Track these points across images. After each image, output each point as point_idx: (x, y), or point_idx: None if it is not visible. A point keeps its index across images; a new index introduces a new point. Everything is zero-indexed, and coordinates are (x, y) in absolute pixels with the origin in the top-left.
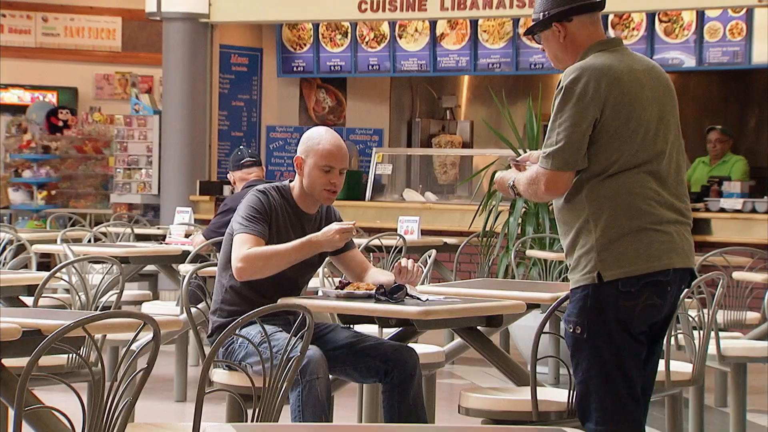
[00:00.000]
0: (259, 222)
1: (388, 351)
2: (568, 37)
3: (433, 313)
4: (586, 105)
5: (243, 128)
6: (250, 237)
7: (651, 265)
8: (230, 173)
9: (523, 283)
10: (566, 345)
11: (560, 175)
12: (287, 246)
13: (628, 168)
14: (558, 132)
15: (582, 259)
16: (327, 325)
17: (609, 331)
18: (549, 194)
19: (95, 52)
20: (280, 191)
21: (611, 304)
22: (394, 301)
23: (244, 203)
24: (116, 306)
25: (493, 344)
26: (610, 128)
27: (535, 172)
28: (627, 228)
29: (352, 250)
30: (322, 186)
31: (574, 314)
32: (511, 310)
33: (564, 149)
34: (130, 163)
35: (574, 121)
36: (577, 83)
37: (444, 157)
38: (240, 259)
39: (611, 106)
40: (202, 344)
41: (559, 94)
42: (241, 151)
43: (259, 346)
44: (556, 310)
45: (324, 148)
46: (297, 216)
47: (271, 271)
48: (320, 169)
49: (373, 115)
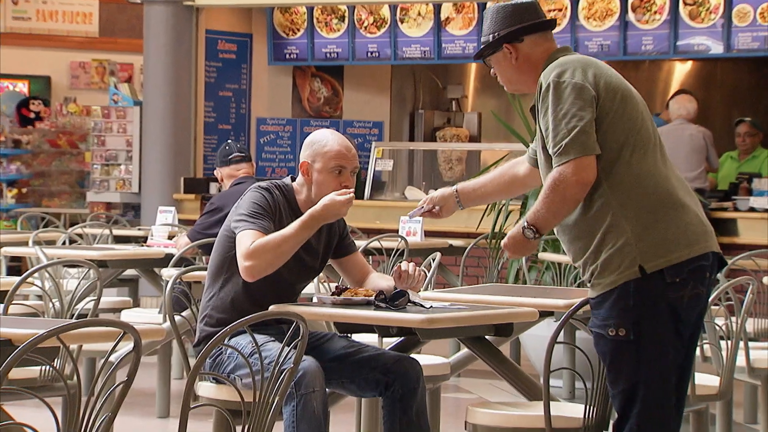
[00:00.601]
0: (265, 218)
1: (389, 362)
2: (521, 58)
3: (437, 321)
4: (581, 88)
5: (231, 120)
6: (255, 233)
7: (693, 250)
8: (217, 169)
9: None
10: (599, 352)
11: (585, 160)
12: (292, 228)
13: (639, 148)
14: (565, 122)
15: (614, 258)
16: (322, 335)
17: (659, 328)
18: (580, 185)
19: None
20: (283, 191)
21: (659, 298)
22: (395, 309)
23: (246, 200)
24: (93, 314)
25: (502, 355)
26: (610, 109)
27: (551, 178)
28: (661, 212)
29: (353, 254)
30: (334, 190)
31: (613, 316)
32: (522, 318)
33: (579, 134)
34: (108, 159)
35: (577, 105)
36: (564, 74)
37: (449, 152)
38: (246, 257)
39: (603, 88)
40: (186, 355)
41: (548, 92)
42: (229, 145)
43: (249, 357)
44: (571, 317)
45: (332, 148)
46: (297, 216)
47: (283, 259)
48: (330, 171)
49: (372, 106)
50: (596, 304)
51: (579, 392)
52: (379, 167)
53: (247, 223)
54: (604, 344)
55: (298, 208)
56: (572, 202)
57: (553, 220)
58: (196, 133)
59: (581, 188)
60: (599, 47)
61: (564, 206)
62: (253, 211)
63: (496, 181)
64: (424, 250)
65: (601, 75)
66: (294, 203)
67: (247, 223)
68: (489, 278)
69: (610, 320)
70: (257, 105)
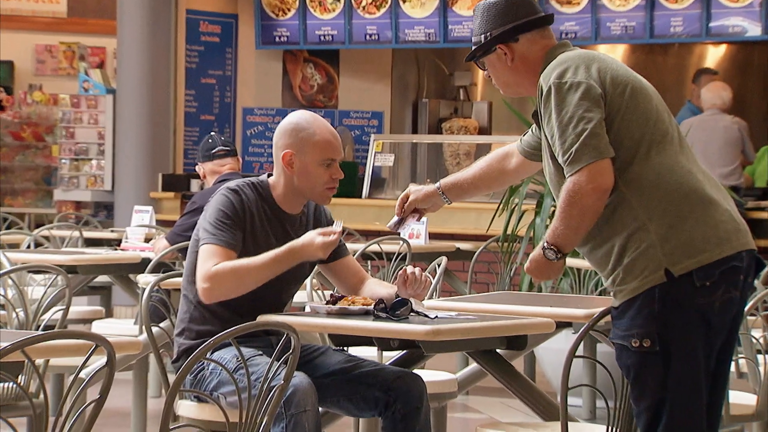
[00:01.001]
0: (229, 229)
1: (390, 379)
2: (517, 59)
3: (443, 332)
4: (588, 87)
5: (214, 111)
6: (218, 249)
7: (723, 249)
8: (199, 165)
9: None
10: (622, 366)
11: (599, 165)
12: (262, 259)
13: (656, 143)
14: (572, 127)
15: (638, 262)
16: (316, 348)
17: (688, 338)
18: (598, 193)
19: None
20: (256, 188)
21: (687, 304)
22: (397, 319)
23: (211, 206)
24: (61, 325)
25: (515, 371)
26: (620, 106)
27: (566, 190)
28: (686, 209)
29: (345, 258)
30: (324, 184)
31: (637, 325)
32: (537, 329)
33: (589, 137)
34: (77, 153)
35: (583, 107)
36: (565, 74)
37: (457, 145)
38: (205, 278)
39: (610, 83)
40: (165, 371)
41: (550, 96)
42: (213, 138)
43: (234, 373)
44: (592, 329)
45: (322, 138)
46: (278, 218)
47: (244, 290)
48: (320, 164)
49: (371, 95)
50: (618, 314)
51: (600, 412)
52: (379, 162)
53: (209, 236)
54: (628, 357)
55: (275, 203)
56: (592, 213)
57: (575, 236)
58: (176, 125)
59: (599, 196)
60: (623, 29)
61: (584, 219)
62: (218, 220)
63: (482, 176)
64: (428, 254)
65: (606, 69)
66: (270, 200)
67: (210, 236)
68: (500, 285)
69: (634, 330)
70: (243, 93)
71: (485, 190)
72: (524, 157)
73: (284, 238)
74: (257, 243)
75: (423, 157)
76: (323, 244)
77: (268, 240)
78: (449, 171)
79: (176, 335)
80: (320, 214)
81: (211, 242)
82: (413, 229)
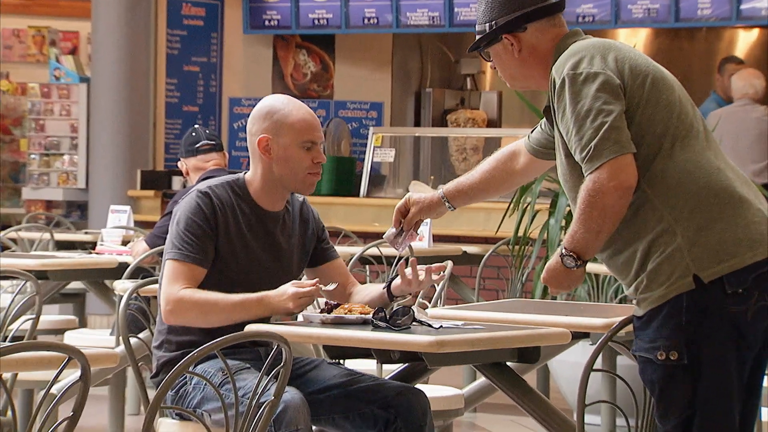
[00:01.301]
0: (197, 241)
1: (390, 395)
2: (525, 50)
3: (448, 343)
4: (605, 78)
5: (198, 101)
6: (185, 268)
7: (757, 253)
8: (182, 160)
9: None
10: (646, 381)
11: (621, 161)
12: (231, 300)
13: (681, 137)
14: (590, 120)
15: (663, 267)
16: (309, 361)
17: (719, 350)
18: (621, 191)
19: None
20: (232, 187)
21: (717, 313)
22: (398, 329)
23: (181, 214)
24: (31, 336)
25: (527, 385)
26: (641, 97)
27: (585, 190)
28: (715, 210)
29: (333, 261)
30: (306, 169)
31: (663, 337)
32: (551, 340)
33: (609, 131)
34: (48, 147)
35: (601, 99)
36: (580, 64)
37: (463, 139)
38: (168, 301)
39: (629, 73)
40: (144, 386)
41: (564, 89)
42: (196, 131)
43: (220, 388)
44: (612, 340)
45: (300, 118)
46: (258, 217)
47: (206, 325)
48: (300, 146)
49: (369, 84)
50: (642, 324)
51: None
52: (378, 158)
53: (176, 251)
54: (653, 371)
55: (253, 201)
56: (615, 214)
57: (595, 240)
58: (156, 117)
59: (622, 195)
60: (645, 12)
61: (606, 221)
62: (186, 231)
63: (488, 179)
64: (432, 258)
65: (624, 59)
66: (248, 199)
67: (177, 251)
68: (511, 292)
69: (659, 342)
70: (230, 82)
71: (493, 194)
72: (533, 155)
73: (267, 238)
74: (234, 249)
75: (426, 152)
76: (294, 294)
77: (247, 244)
78: (455, 167)
79: (155, 347)
80: (307, 213)
81: (177, 258)
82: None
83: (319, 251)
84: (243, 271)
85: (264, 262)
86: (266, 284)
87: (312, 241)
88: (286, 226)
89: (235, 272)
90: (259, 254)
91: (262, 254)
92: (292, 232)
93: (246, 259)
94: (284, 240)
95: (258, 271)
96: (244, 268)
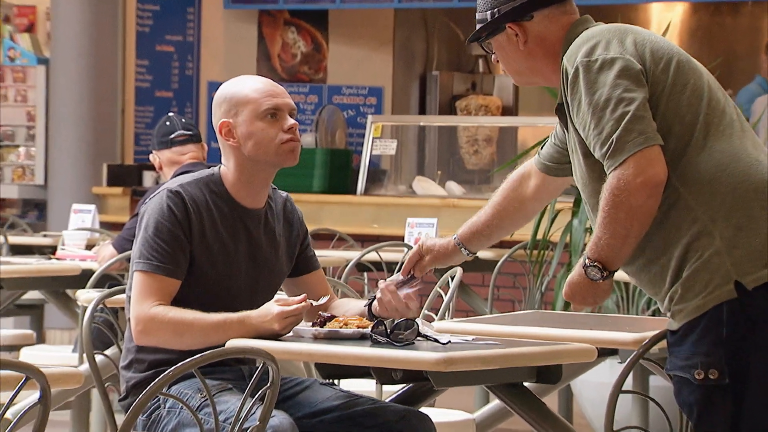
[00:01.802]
0: (169, 249)
1: (391, 420)
2: (532, 41)
3: (458, 361)
4: (625, 63)
5: (173, 86)
6: (155, 281)
7: None
8: (154, 153)
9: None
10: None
11: (648, 153)
12: (209, 320)
13: (713, 126)
14: (610, 111)
15: (701, 274)
16: (299, 381)
17: (765, 366)
18: (650, 188)
19: None
20: (206, 184)
21: (763, 324)
22: (400, 344)
23: (149, 218)
24: None
25: (547, 409)
26: (666, 83)
27: (608, 189)
28: (756, 207)
29: (315, 271)
30: (277, 139)
31: (701, 353)
32: (575, 357)
33: (632, 122)
34: (1, 138)
35: (621, 86)
36: (594, 50)
37: (475, 129)
38: (139, 320)
39: (650, 57)
40: (112, 410)
41: (577, 79)
42: (171, 120)
43: (198, 412)
44: (643, 357)
45: (252, 88)
46: (236, 214)
47: (181, 347)
48: (261, 117)
49: (368, 66)
50: (677, 339)
51: None
52: (378, 150)
53: (145, 262)
54: (690, 392)
55: (230, 197)
56: (643, 216)
57: (623, 247)
58: (125, 103)
59: (651, 193)
60: None
61: (634, 224)
62: (155, 238)
63: (500, 213)
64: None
65: (644, 41)
66: (225, 195)
67: (146, 261)
68: (529, 303)
69: (697, 359)
70: (209, 64)
71: (509, 228)
72: (545, 173)
73: (247, 240)
74: (211, 255)
75: (433, 144)
76: (280, 314)
77: (225, 246)
78: (465, 160)
79: (123, 367)
80: (291, 213)
81: (147, 270)
82: (420, 232)
83: (302, 259)
84: (222, 281)
85: (246, 269)
86: (249, 295)
87: (296, 246)
88: (269, 226)
89: (213, 282)
90: (240, 260)
91: (243, 260)
92: (275, 233)
93: (226, 266)
94: (268, 243)
95: (239, 279)
96: (223, 276)
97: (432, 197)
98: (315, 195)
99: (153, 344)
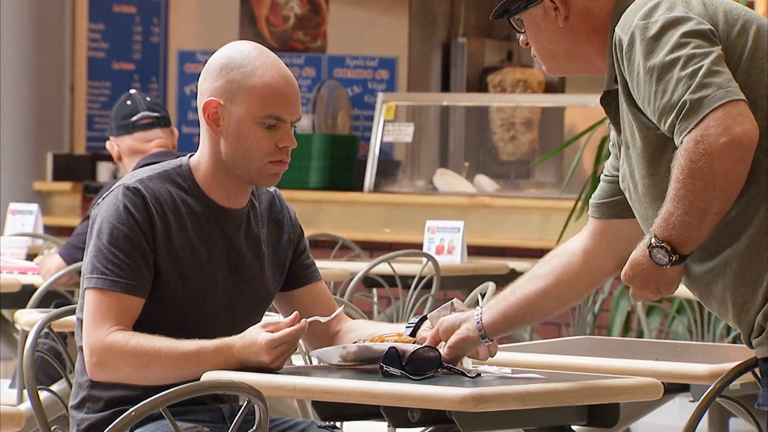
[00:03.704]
0: (128, 261)
1: None
2: (575, 16)
3: (489, 399)
4: (692, 23)
5: (134, 57)
6: (112, 300)
7: None
8: (111, 140)
9: (660, 344)
10: None
11: (733, 108)
12: (179, 350)
13: None
14: (678, 68)
15: None
16: (293, 423)
17: None
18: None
19: None
20: (171, 178)
21: None
22: (418, 377)
23: (102, 222)
24: None
25: None
26: (744, 48)
27: (684, 151)
28: None
29: (313, 284)
30: (265, 155)
31: None
32: (635, 394)
33: (707, 75)
34: None
35: (691, 44)
36: (655, 12)
37: (511, 110)
38: (93, 351)
39: (722, 18)
40: None
41: (633, 46)
42: (132, 99)
43: None
44: (721, 395)
45: (263, 81)
46: (211, 215)
47: (146, 383)
48: (258, 122)
49: (378, 31)
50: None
51: None
52: (390, 137)
53: (99, 277)
54: None
55: (204, 193)
56: (729, 185)
57: (700, 225)
58: (75, 78)
59: (740, 155)
60: None
61: (715, 196)
62: (111, 247)
63: (539, 290)
64: (466, 278)
65: (716, 2)
66: (196, 191)
67: (100, 276)
68: (579, 327)
69: None
70: (180, 29)
71: (548, 314)
72: (599, 218)
73: (226, 247)
74: (180, 267)
75: (458, 129)
76: (269, 343)
77: (197, 255)
78: (499, 150)
79: (73, 407)
80: (280, 211)
81: (101, 286)
82: (443, 239)
83: (295, 269)
84: (195, 299)
85: (225, 285)
86: (228, 317)
87: (287, 254)
88: (251, 231)
89: (183, 300)
90: (216, 273)
91: (220, 273)
92: (260, 240)
93: (198, 280)
94: (251, 252)
95: (216, 297)
96: (196, 293)
97: (457, 195)
98: (312, 192)
99: (111, 380)
